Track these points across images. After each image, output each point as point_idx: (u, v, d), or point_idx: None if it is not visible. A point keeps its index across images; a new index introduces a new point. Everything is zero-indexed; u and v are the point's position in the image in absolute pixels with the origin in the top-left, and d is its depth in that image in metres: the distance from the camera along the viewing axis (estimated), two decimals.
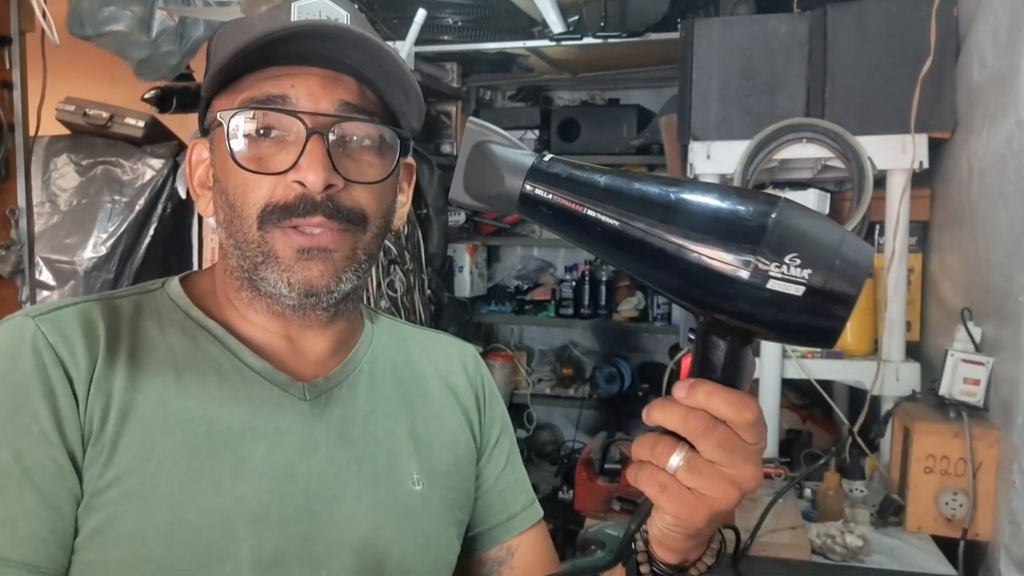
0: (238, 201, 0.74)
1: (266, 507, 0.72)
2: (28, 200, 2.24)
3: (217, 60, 0.73)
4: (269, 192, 0.73)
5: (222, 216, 0.76)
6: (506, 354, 3.36)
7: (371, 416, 0.82)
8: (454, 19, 2.88)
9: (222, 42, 0.76)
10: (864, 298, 2.09)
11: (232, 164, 0.73)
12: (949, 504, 1.64)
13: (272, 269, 0.74)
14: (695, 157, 2.15)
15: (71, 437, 0.68)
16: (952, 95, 1.95)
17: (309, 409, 0.78)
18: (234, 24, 0.78)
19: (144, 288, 0.81)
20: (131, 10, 2.16)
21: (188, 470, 0.70)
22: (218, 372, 0.75)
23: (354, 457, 0.79)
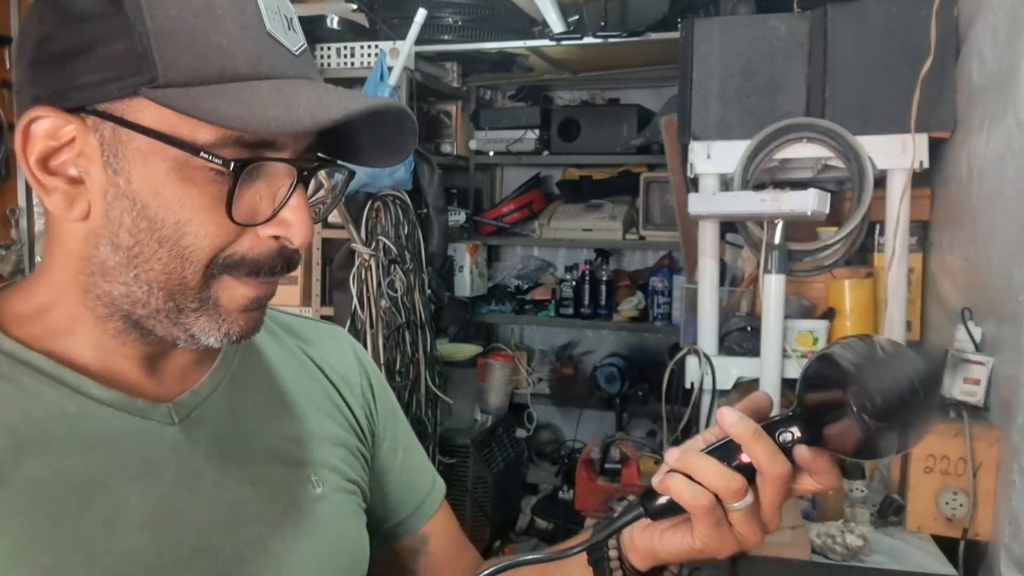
0: (184, 241, 0.60)
1: (156, 558, 0.62)
2: (28, 200, 2.24)
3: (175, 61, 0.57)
4: (231, 238, 0.61)
5: (129, 242, 0.60)
6: (506, 354, 3.36)
7: (256, 425, 0.73)
8: (454, 19, 2.88)
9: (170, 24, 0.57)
10: (865, 298, 2.09)
11: (185, 200, 0.59)
12: (949, 504, 1.64)
13: (208, 319, 0.63)
14: (695, 157, 2.15)
15: None
16: (952, 95, 1.95)
17: (180, 433, 0.67)
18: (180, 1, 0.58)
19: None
20: None
21: (51, 544, 0.58)
22: (62, 417, 0.62)
23: (244, 475, 0.69)
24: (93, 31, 0.57)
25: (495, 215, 3.48)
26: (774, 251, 2.03)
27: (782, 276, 2.03)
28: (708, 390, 2.13)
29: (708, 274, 2.18)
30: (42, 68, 0.59)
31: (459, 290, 3.33)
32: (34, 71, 0.59)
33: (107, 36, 0.57)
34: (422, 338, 2.64)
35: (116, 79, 0.57)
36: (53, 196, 0.60)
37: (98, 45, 0.57)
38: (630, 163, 3.36)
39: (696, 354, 2.15)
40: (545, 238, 3.43)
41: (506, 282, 3.63)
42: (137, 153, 0.59)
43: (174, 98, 0.57)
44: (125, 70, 0.57)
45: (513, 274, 3.64)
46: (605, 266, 3.43)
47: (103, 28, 0.57)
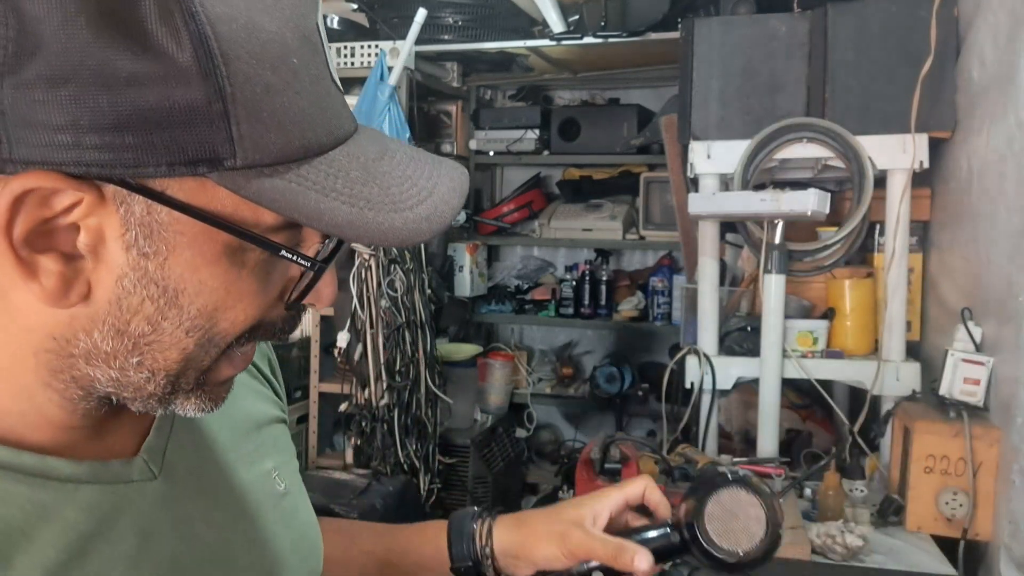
0: (216, 328, 0.51)
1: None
2: None
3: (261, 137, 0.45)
4: (259, 317, 0.53)
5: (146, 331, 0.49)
6: (506, 354, 3.36)
7: (213, 438, 0.66)
8: (454, 18, 2.88)
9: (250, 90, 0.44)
10: (865, 297, 2.09)
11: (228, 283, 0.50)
12: (949, 504, 1.64)
13: (195, 398, 0.55)
14: (695, 157, 2.15)
15: None
16: (952, 95, 1.95)
17: (163, 484, 0.59)
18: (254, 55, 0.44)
19: None
20: None
21: None
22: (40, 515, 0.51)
23: (224, 500, 0.64)
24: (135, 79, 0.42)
25: (495, 215, 3.48)
26: (774, 251, 2.03)
27: (782, 276, 2.03)
28: (708, 390, 2.13)
29: (708, 274, 2.18)
30: (31, 117, 0.41)
31: (459, 290, 3.33)
32: (16, 119, 0.41)
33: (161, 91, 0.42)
34: (422, 338, 2.64)
35: (177, 153, 0.43)
36: (43, 279, 0.46)
37: (146, 100, 0.42)
38: (630, 163, 3.36)
39: (696, 354, 2.15)
40: (545, 238, 3.43)
41: (506, 282, 3.63)
42: (181, 236, 0.47)
43: (256, 186, 0.45)
44: (193, 141, 0.43)
45: (513, 274, 3.64)
46: (605, 266, 3.43)
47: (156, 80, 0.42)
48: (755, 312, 2.20)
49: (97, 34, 0.41)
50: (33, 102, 0.41)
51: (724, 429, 2.34)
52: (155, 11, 0.41)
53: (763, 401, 2.07)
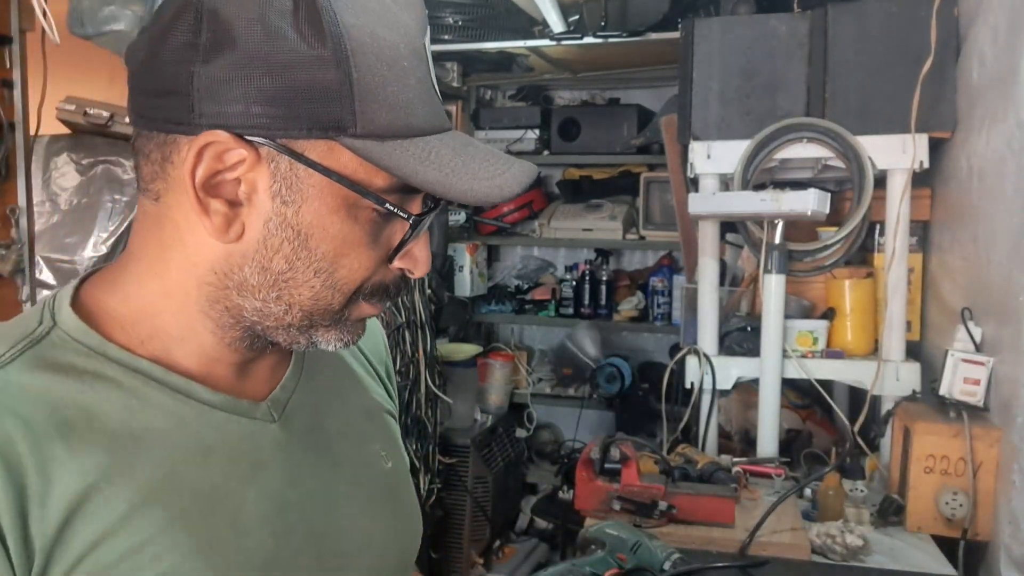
0: (339, 273, 0.64)
1: (274, 552, 0.66)
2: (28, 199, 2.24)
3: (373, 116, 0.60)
4: (373, 271, 0.66)
5: (283, 267, 0.63)
6: (506, 354, 3.36)
7: (328, 411, 0.78)
8: (455, 18, 2.88)
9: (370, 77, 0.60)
10: (865, 297, 2.09)
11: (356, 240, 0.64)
12: (949, 504, 1.64)
13: (335, 332, 0.68)
14: (695, 157, 2.15)
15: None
16: (952, 95, 1.95)
17: (280, 429, 0.71)
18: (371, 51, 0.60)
19: (31, 334, 0.63)
20: (131, 9, 2.16)
21: (187, 550, 0.61)
22: (180, 425, 0.64)
23: (330, 461, 0.74)
24: (289, 66, 0.58)
25: (495, 215, 3.48)
26: (774, 251, 2.03)
27: (782, 276, 2.03)
28: (708, 390, 2.13)
29: (708, 274, 2.18)
30: (215, 90, 0.58)
31: (459, 290, 3.33)
32: (204, 92, 0.58)
33: (307, 74, 0.58)
34: (422, 338, 2.64)
35: (314, 121, 0.59)
36: (212, 217, 0.62)
37: (296, 81, 0.58)
38: (630, 163, 3.36)
39: (696, 354, 2.15)
40: (545, 238, 3.43)
41: (506, 282, 3.63)
42: (312, 189, 0.62)
43: (375, 152, 0.60)
44: (327, 113, 0.59)
45: (513, 274, 3.64)
46: (605, 266, 3.43)
47: (303, 66, 0.58)
48: (755, 312, 2.20)
49: (267, 34, 0.58)
50: (218, 82, 0.58)
51: (724, 429, 2.34)
52: (305, 17, 0.58)
53: (763, 401, 2.07)
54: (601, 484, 1.69)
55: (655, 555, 1.31)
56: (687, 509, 1.63)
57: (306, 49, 0.58)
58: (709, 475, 1.78)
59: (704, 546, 1.57)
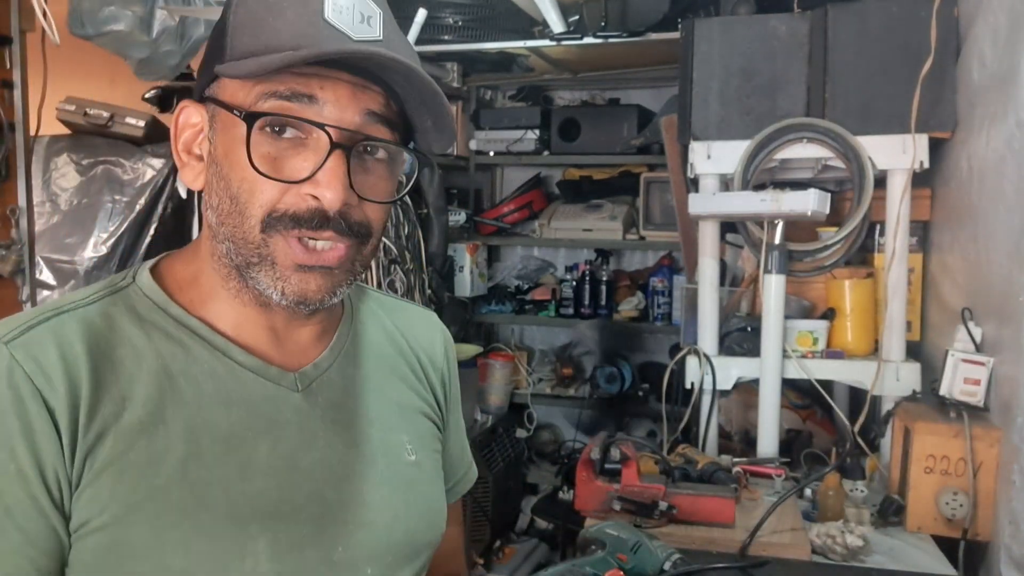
0: (243, 197, 0.71)
1: (276, 502, 0.74)
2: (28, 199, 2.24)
3: (237, 44, 0.71)
4: (278, 196, 0.71)
5: (216, 202, 0.73)
6: (506, 354, 3.36)
7: (359, 395, 0.84)
8: (455, 19, 2.88)
9: (245, 17, 0.71)
10: (865, 298, 2.09)
11: (243, 159, 0.70)
12: (949, 504, 1.64)
13: (266, 274, 0.73)
14: (695, 157, 2.15)
15: (52, 472, 0.67)
16: (952, 95, 1.95)
17: (303, 399, 0.79)
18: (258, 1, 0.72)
19: (114, 285, 0.77)
20: (132, 10, 2.16)
21: (197, 479, 0.71)
22: (212, 376, 0.75)
23: (350, 438, 0.81)
24: (211, 39, 0.75)
25: (495, 215, 3.48)
26: (774, 251, 2.03)
27: (782, 276, 2.03)
28: (708, 390, 2.13)
29: (708, 274, 2.18)
30: (198, 71, 0.77)
31: (459, 290, 3.33)
32: (198, 74, 0.76)
33: (215, 36, 0.74)
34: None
35: (209, 65, 0.73)
36: (183, 171, 0.77)
37: (213, 45, 0.74)
38: (630, 163, 3.36)
39: (696, 354, 2.15)
40: (545, 238, 3.43)
41: (506, 282, 3.63)
42: (220, 124, 0.74)
43: (226, 68, 0.70)
44: (215, 57, 0.72)
45: (513, 274, 3.64)
46: (605, 266, 3.43)
47: (216, 32, 0.74)
48: (755, 312, 2.20)
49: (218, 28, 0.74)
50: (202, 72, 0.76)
51: (724, 429, 2.34)
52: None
53: (763, 401, 2.07)
54: (601, 484, 1.69)
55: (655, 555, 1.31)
56: (687, 509, 1.63)
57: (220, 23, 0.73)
58: (709, 475, 1.78)
59: (704, 546, 1.57)
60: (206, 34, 2.30)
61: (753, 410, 2.20)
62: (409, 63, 0.70)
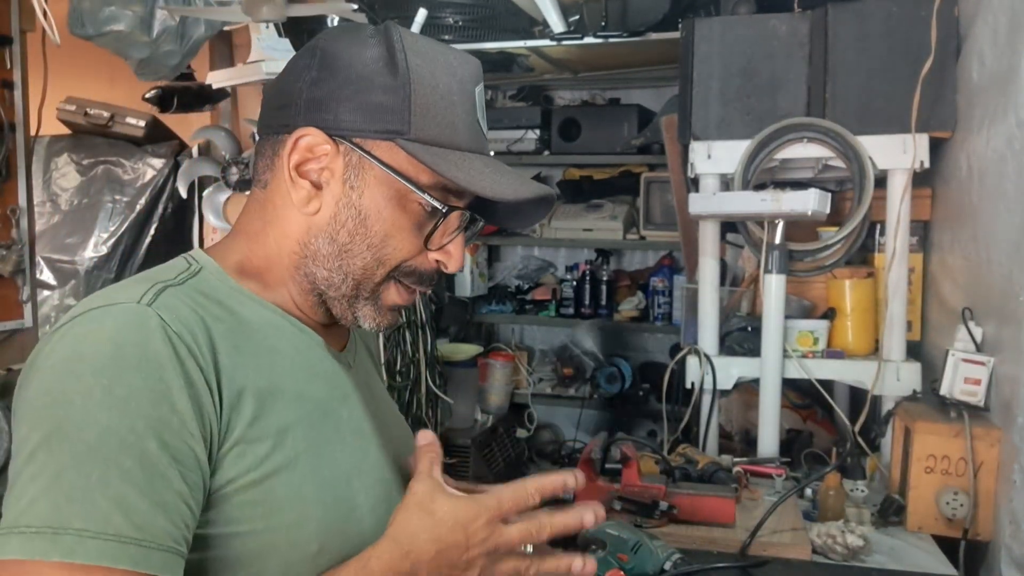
0: (386, 250, 0.83)
1: (360, 461, 0.84)
2: (29, 199, 2.24)
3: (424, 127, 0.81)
4: (412, 254, 0.84)
5: (345, 240, 0.83)
6: (507, 354, 3.36)
7: (372, 378, 0.99)
8: (455, 19, 2.88)
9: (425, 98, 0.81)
10: (865, 297, 2.09)
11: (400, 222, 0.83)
12: (950, 504, 1.64)
13: (369, 309, 0.86)
14: (696, 157, 2.15)
15: (207, 427, 0.72)
16: (953, 95, 1.95)
17: (354, 376, 0.90)
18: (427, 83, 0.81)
19: (188, 269, 0.82)
20: (132, 10, 2.16)
21: (310, 440, 0.79)
22: (298, 350, 0.83)
23: (379, 409, 0.93)
24: (369, 90, 0.81)
25: None
26: (774, 251, 2.03)
27: (782, 276, 2.03)
28: (708, 390, 2.13)
29: (708, 274, 2.18)
30: (316, 103, 0.81)
31: (459, 290, 3.33)
32: (308, 104, 0.82)
33: (381, 97, 0.81)
34: (422, 338, 2.64)
35: (381, 127, 0.81)
36: (299, 192, 0.83)
37: (372, 101, 0.81)
38: (630, 163, 3.36)
39: (696, 354, 2.15)
40: (545, 238, 3.43)
41: (506, 282, 3.63)
42: (373, 179, 0.82)
43: (419, 151, 0.80)
44: (390, 123, 0.80)
45: (513, 274, 3.64)
46: (605, 266, 3.43)
47: (379, 91, 0.81)
48: (755, 312, 2.20)
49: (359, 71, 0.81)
50: (319, 99, 0.82)
51: (724, 429, 2.34)
52: (385, 61, 0.81)
53: (763, 401, 2.07)
54: (602, 484, 1.69)
55: (656, 555, 1.32)
56: (688, 509, 1.63)
57: (382, 80, 0.81)
58: (710, 475, 1.78)
59: (705, 546, 1.57)
60: (206, 34, 2.29)
61: (753, 410, 2.20)
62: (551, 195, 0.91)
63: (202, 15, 2.19)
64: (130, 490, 0.66)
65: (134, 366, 0.69)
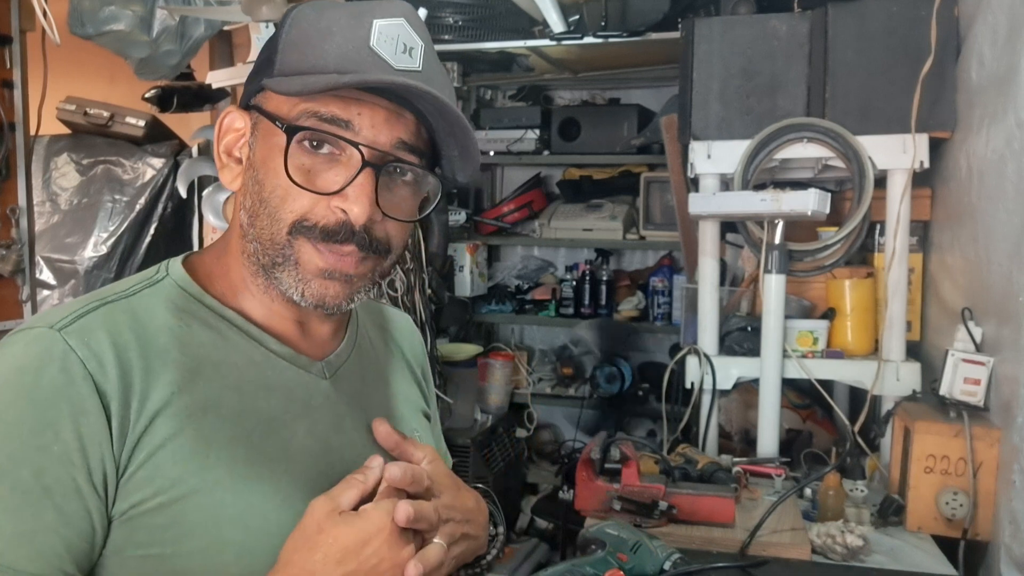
0: (274, 203, 0.77)
1: (315, 481, 0.78)
2: (29, 199, 2.24)
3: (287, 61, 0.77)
4: (309, 207, 0.77)
5: (250, 204, 0.79)
6: (506, 354, 3.36)
7: (372, 385, 0.92)
8: (455, 18, 2.88)
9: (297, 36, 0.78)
10: (865, 297, 2.09)
11: (279, 167, 0.76)
12: (949, 504, 1.64)
13: (289, 274, 0.78)
14: (695, 157, 2.15)
15: (98, 455, 0.70)
16: (953, 95, 1.95)
17: (331, 386, 0.85)
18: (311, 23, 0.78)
19: (150, 279, 0.81)
20: (132, 9, 2.16)
21: (246, 459, 0.75)
22: (251, 363, 0.80)
23: (366, 418, 0.87)
24: (262, 53, 0.81)
25: (495, 215, 3.48)
26: (774, 251, 2.03)
27: (782, 276, 2.03)
28: (708, 390, 2.13)
29: (708, 274, 2.18)
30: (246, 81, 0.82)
31: (459, 290, 3.33)
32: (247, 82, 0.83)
33: (266, 50, 0.80)
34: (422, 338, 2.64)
35: (257, 76, 0.80)
36: (222, 171, 0.83)
37: (263, 58, 0.80)
38: (630, 163, 3.36)
39: (696, 354, 2.15)
40: (545, 238, 3.43)
41: (506, 282, 3.63)
42: (262, 132, 0.79)
43: (273, 83, 0.77)
44: (264, 70, 0.79)
45: (513, 274, 3.64)
46: (605, 266, 3.43)
47: (268, 46, 0.80)
48: (755, 312, 2.20)
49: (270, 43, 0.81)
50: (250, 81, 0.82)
51: (724, 429, 2.34)
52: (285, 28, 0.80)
53: (763, 401, 2.07)
54: (601, 484, 1.69)
55: (655, 555, 1.31)
56: (687, 509, 1.63)
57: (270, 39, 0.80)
58: (709, 475, 1.78)
59: (704, 546, 1.57)
60: (206, 34, 2.30)
61: (753, 410, 2.20)
62: (442, 97, 0.76)
63: (202, 15, 2.19)
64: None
65: (26, 394, 0.69)
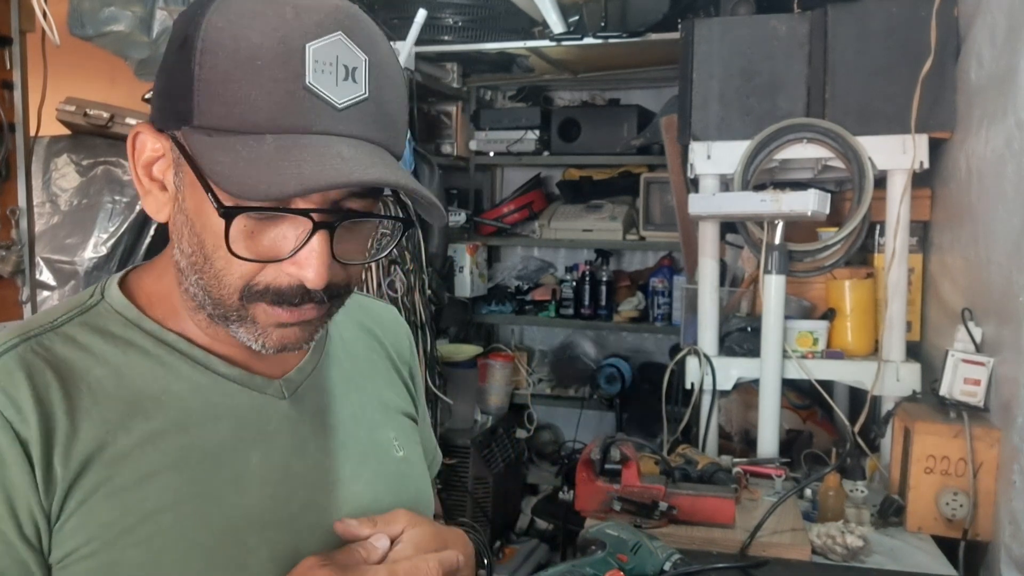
0: (219, 264, 0.67)
1: (271, 511, 0.73)
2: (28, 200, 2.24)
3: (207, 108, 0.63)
4: (257, 270, 0.67)
5: (190, 252, 0.68)
6: (506, 354, 3.36)
7: (344, 397, 0.83)
8: (454, 19, 2.88)
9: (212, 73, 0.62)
10: (865, 298, 2.09)
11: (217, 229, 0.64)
12: (949, 504, 1.64)
13: (247, 330, 0.70)
14: (695, 157, 2.15)
15: (25, 505, 0.64)
16: (952, 95, 1.95)
17: (290, 406, 0.77)
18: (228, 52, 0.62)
19: (82, 304, 0.74)
20: (132, 10, 2.16)
21: (189, 494, 0.69)
22: (196, 391, 0.72)
23: (339, 442, 0.80)
24: (171, 71, 0.65)
25: (495, 215, 3.48)
26: (774, 251, 2.03)
27: (782, 276, 2.03)
28: (708, 390, 2.13)
29: (708, 274, 2.18)
30: (155, 96, 0.69)
31: (459, 290, 3.33)
32: (152, 97, 0.70)
33: (176, 76, 0.64)
34: (422, 338, 2.64)
35: (173, 113, 0.65)
36: (145, 198, 0.71)
37: (172, 83, 0.65)
38: (630, 163, 3.36)
39: (696, 354, 2.15)
40: (545, 238, 3.43)
41: (506, 282, 3.63)
42: (187, 176, 0.66)
43: (195, 142, 0.64)
44: (179, 106, 0.64)
45: (513, 274, 3.64)
46: (605, 266, 3.43)
47: (176, 70, 0.64)
48: (755, 312, 2.19)
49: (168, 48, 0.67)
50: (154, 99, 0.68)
51: (724, 429, 2.34)
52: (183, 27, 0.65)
53: (763, 402, 2.07)
54: (601, 485, 1.69)
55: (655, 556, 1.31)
56: (687, 510, 1.63)
57: (175, 52, 0.65)
58: (709, 476, 1.78)
59: (704, 547, 1.57)
60: None
61: (753, 410, 2.19)
62: (394, 180, 0.63)
63: None
64: None
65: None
